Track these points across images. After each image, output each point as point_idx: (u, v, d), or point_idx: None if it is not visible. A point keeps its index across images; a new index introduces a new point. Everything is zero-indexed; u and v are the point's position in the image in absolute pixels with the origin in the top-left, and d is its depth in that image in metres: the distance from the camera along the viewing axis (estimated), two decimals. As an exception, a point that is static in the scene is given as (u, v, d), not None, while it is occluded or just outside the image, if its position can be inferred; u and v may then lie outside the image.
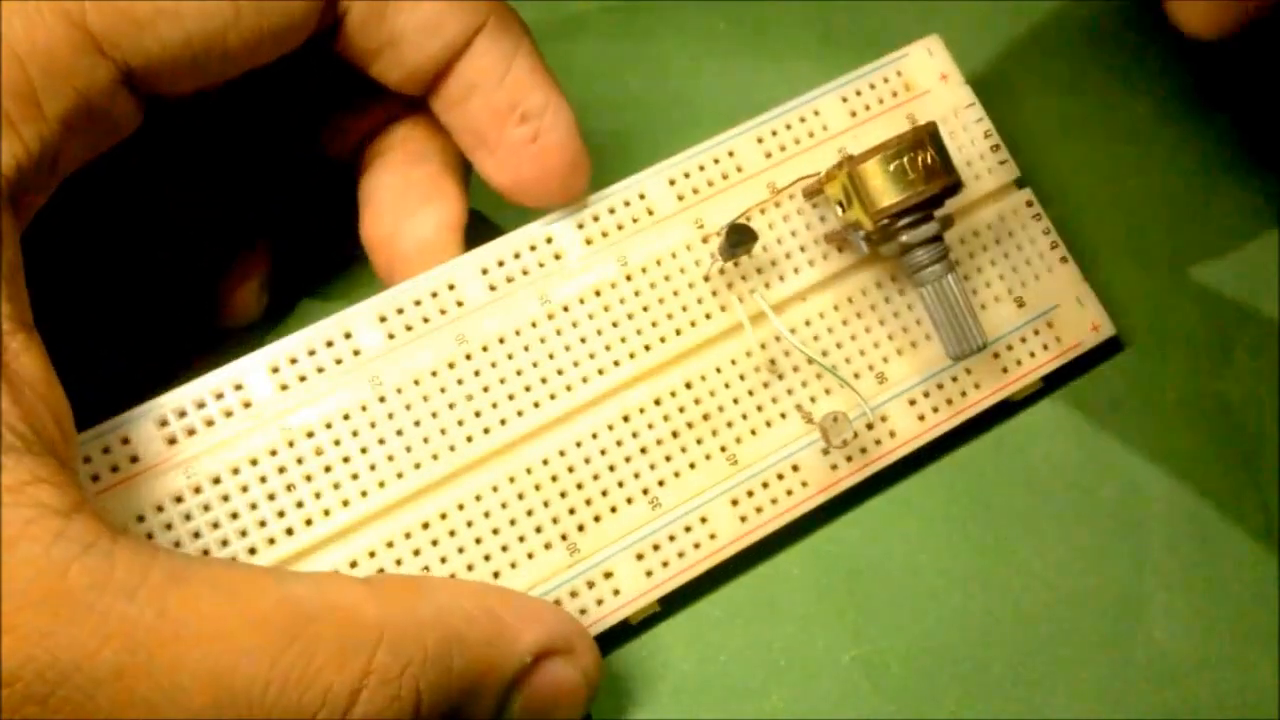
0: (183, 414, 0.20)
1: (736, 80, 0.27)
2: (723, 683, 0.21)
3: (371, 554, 0.21)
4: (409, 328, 0.22)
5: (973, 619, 0.22)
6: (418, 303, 0.22)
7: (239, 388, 0.21)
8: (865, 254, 0.22)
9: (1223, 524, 0.23)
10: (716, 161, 0.24)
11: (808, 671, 0.22)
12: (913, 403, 0.24)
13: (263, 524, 0.20)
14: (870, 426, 0.23)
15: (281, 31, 0.19)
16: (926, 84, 0.25)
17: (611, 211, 0.23)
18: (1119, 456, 0.24)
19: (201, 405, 0.21)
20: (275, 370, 0.21)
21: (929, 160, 0.21)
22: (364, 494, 0.21)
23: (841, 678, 0.21)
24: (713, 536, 0.22)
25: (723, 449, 0.23)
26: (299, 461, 0.21)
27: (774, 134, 0.24)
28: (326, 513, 0.21)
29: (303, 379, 0.21)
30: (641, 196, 0.23)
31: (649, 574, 0.22)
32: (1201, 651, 0.22)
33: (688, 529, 0.22)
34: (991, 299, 0.24)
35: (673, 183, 0.24)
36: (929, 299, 0.22)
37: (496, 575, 0.21)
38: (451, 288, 0.22)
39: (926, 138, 0.21)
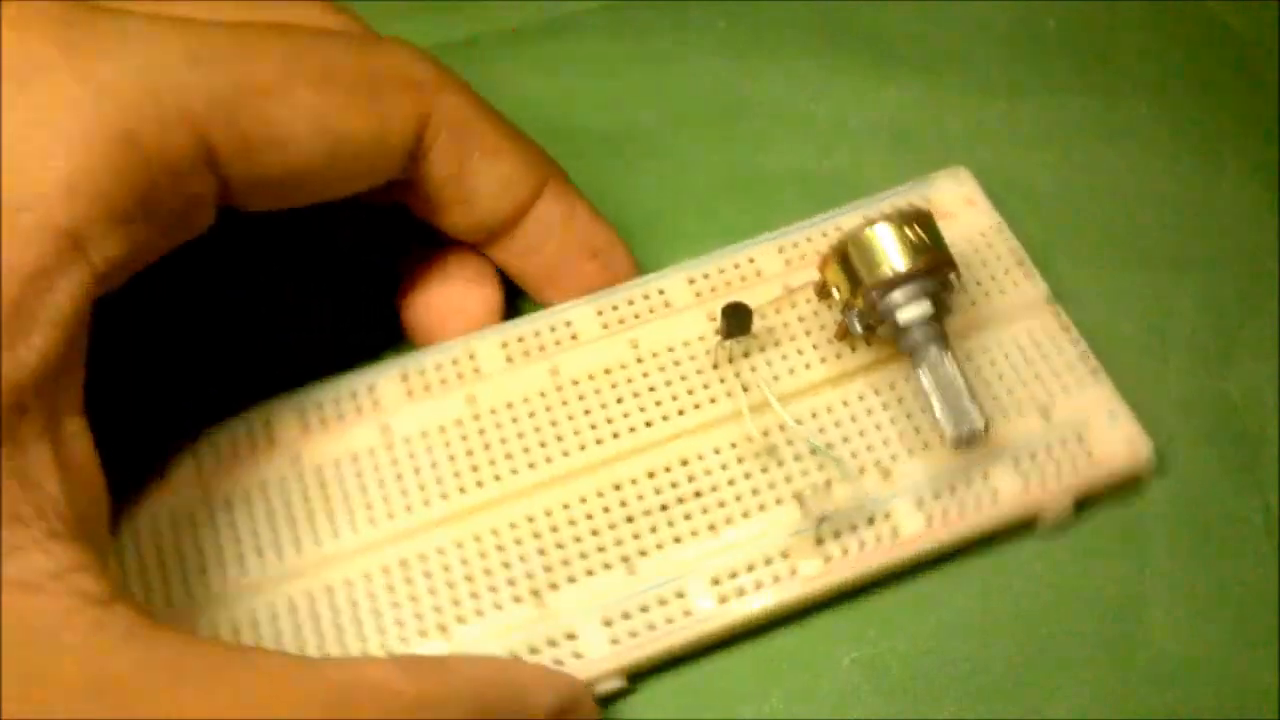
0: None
1: (736, 79, 0.26)
2: (723, 683, 0.20)
3: (348, 582, 0.20)
4: (426, 387, 0.22)
5: (973, 619, 0.20)
6: (439, 366, 0.22)
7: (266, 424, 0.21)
8: (859, 334, 0.21)
9: (1223, 524, 0.21)
10: (736, 266, 0.23)
11: (808, 673, 0.20)
12: (920, 503, 0.21)
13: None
14: (871, 521, 0.20)
15: (363, 179, 0.19)
16: (952, 208, 0.24)
17: (630, 303, 0.23)
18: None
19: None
20: (301, 411, 0.21)
21: (917, 238, 0.20)
22: (353, 529, 0.20)
23: (841, 679, 0.20)
24: (687, 613, 0.20)
25: (710, 528, 0.20)
26: (321, 486, 0.21)
27: (795, 245, 0.23)
28: (335, 534, 0.20)
29: (322, 422, 0.21)
30: (661, 292, 0.23)
31: (615, 642, 0.19)
32: (1201, 651, 0.20)
33: (662, 601, 0.20)
34: (1015, 410, 0.22)
35: (692, 281, 0.23)
36: (925, 379, 0.20)
37: (461, 620, 0.20)
38: (471, 356, 0.22)
39: (918, 215, 0.20)
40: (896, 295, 0.20)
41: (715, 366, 0.22)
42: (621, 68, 0.25)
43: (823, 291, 0.22)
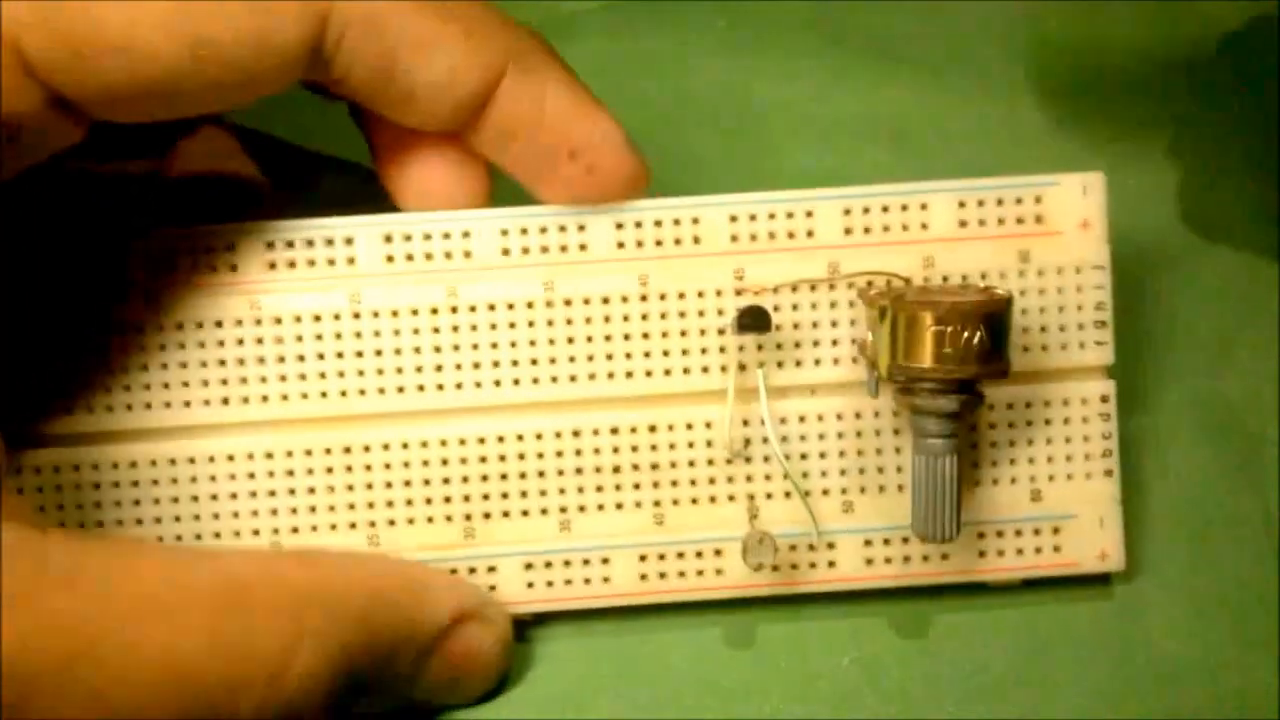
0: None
1: (737, 80, 0.25)
2: (723, 683, 0.20)
3: (288, 453, 0.20)
4: (409, 257, 0.20)
5: (972, 620, 0.20)
6: (427, 236, 0.20)
7: (230, 246, 0.19)
8: (870, 391, 0.18)
9: (1223, 524, 0.21)
10: (790, 215, 0.20)
11: (808, 673, 0.20)
12: (868, 543, 0.20)
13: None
14: (813, 548, 0.20)
15: (248, 87, 0.16)
16: (1062, 224, 0.20)
17: (658, 224, 0.20)
18: (1119, 456, 0.21)
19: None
20: (270, 246, 0.19)
21: (978, 342, 0.17)
22: (304, 396, 0.20)
23: (841, 679, 0.20)
24: (606, 580, 0.20)
25: (656, 504, 0.20)
26: (277, 340, 0.19)
27: (865, 211, 0.20)
28: (285, 397, 0.20)
29: (291, 265, 0.20)
30: (695, 221, 0.20)
31: (530, 585, 0.20)
32: (1201, 652, 0.20)
33: (586, 562, 0.20)
34: (1008, 479, 0.20)
35: (734, 219, 0.20)
36: (918, 469, 0.18)
37: (392, 523, 0.20)
38: (466, 235, 0.20)
39: (990, 316, 0.17)
40: (924, 386, 0.17)
41: (721, 332, 0.20)
42: (621, 68, 0.25)
43: (865, 293, 0.19)
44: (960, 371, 0.17)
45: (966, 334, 0.17)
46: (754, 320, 0.18)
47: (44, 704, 0.14)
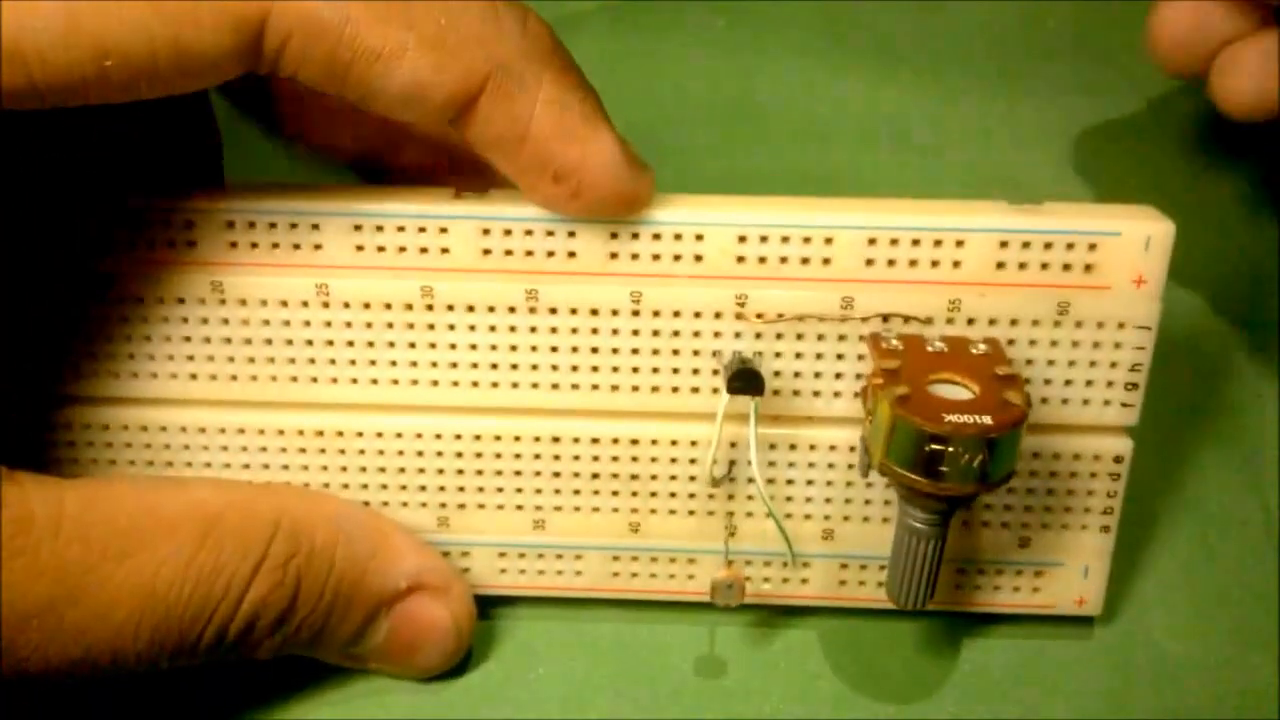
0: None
1: (736, 79, 0.25)
2: (723, 683, 0.20)
3: (260, 431, 0.19)
4: (381, 249, 0.18)
5: (972, 621, 0.20)
6: (401, 228, 0.18)
7: (189, 223, 0.18)
8: (863, 474, 0.17)
9: (1223, 524, 0.21)
10: (806, 240, 0.18)
11: (808, 673, 0.20)
12: (844, 566, 0.20)
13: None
14: (786, 564, 0.20)
15: (179, 85, 0.15)
16: (1113, 278, 0.17)
17: (656, 237, 0.18)
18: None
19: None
20: (230, 225, 0.18)
21: (978, 464, 0.15)
22: (273, 379, 0.19)
23: (841, 679, 0.20)
24: (579, 574, 0.20)
25: (633, 510, 0.20)
26: (244, 322, 0.18)
27: (893, 243, 0.18)
28: (254, 378, 0.19)
29: (254, 245, 0.18)
30: (699, 238, 0.18)
31: (503, 571, 0.20)
32: (1201, 651, 0.20)
33: (559, 556, 0.20)
34: (999, 523, 0.19)
35: (742, 239, 0.18)
36: (900, 540, 0.17)
37: (366, 505, 0.20)
38: (444, 231, 0.18)
39: (996, 442, 0.15)
40: (916, 489, 0.16)
41: (715, 354, 0.18)
42: (621, 68, 0.25)
43: (874, 343, 0.18)
44: (955, 490, 0.16)
45: (968, 456, 0.15)
46: (745, 384, 0.17)
47: (31, 646, 0.15)
